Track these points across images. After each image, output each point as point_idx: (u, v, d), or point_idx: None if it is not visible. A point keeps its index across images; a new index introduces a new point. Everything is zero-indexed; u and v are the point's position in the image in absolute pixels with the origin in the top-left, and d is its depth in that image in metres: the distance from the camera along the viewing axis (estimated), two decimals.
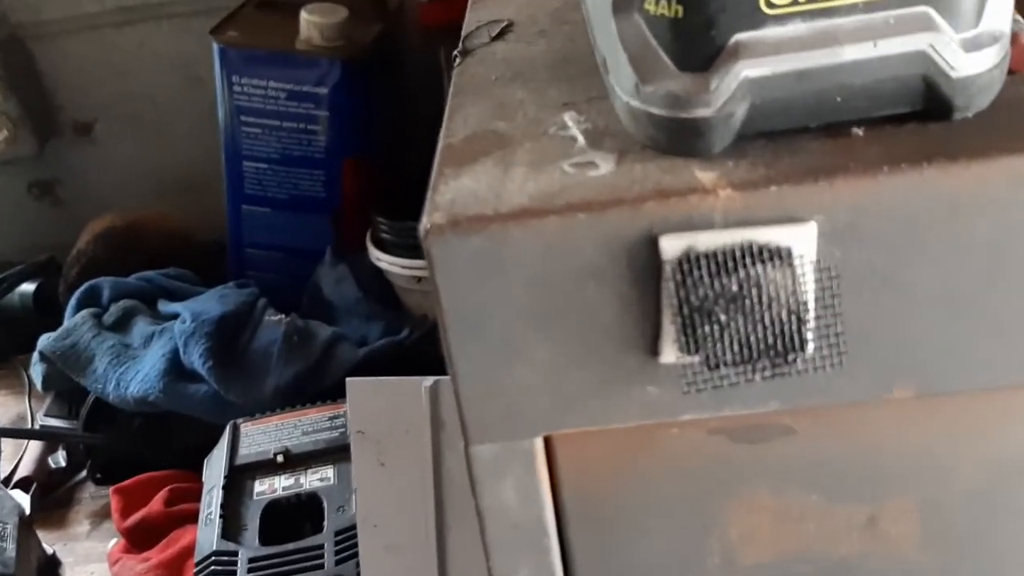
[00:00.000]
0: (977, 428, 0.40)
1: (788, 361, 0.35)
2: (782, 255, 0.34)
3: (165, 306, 1.18)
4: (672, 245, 0.35)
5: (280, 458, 0.93)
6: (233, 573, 0.83)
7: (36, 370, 1.14)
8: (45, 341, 1.13)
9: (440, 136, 0.42)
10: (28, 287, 1.35)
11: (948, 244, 0.35)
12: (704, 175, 0.35)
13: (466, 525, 0.61)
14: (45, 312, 1.31)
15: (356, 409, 0.65)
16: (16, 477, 1.11)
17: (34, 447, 1.16)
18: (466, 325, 0.37)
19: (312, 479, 0.91)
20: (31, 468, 1.13)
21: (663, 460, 0.41)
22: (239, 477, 0.92)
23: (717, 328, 0.35)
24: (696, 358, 0.36)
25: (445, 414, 0.61)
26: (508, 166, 0.38)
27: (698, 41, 0.35)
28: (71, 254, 1.33)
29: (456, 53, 0.51)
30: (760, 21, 0.34)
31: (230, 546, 0.85)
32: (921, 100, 0.36)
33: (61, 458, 1.15)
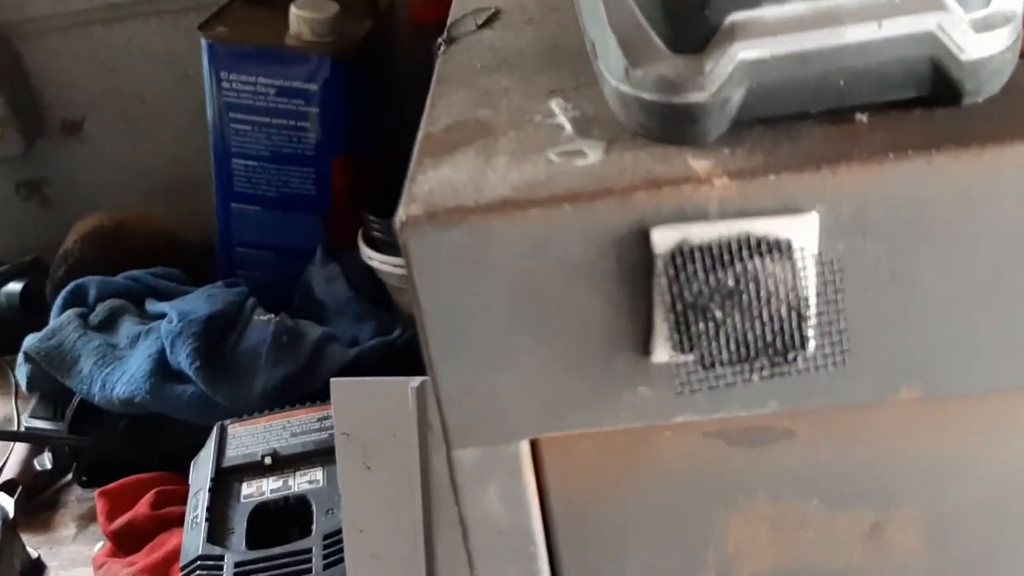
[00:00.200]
0: (987, 433, 0.38)
1: (788, 360, 0.33)
2: (781, 248, 0.32)
3: (152, 306, 1.16)
4: (664, 238, 0.33)
5: (268, 460, 0.91)
6: None
7: (21, 371, 1.13)
8: (30, 341, 1.11)
9: (421, 125, 0.40)
10: (14, 287, 1.33)
11: (958, 236, 0.33)
12: (698, 163, 0.33)
13: (455, 531, 0.59)
14: (32, 312, 1.30)
15: (341, 410, 0.63)
16: (0, 480, 1.10)
17: (19, 449, 1.15)
18: (446, 323, 0.35)
19: (301, 482, 0.90)
20: (16, 470, 1.11)
21: (655, 465, 0.39)
22: (226, 479, 0.91)
23: (712, 325, 0.33)
24: (690, 357, 0.34)
25: (433, 416, 0.59)
26: (490, 155, 0.36)
27: (691, 21, 0.33)
28: (58, 254, 1.31)
29: (440, 41, 0.50)
30: None
31: (216, 550, 0.83)
32: (928, 84, 0.34)
33: (47, 460, 1.14)
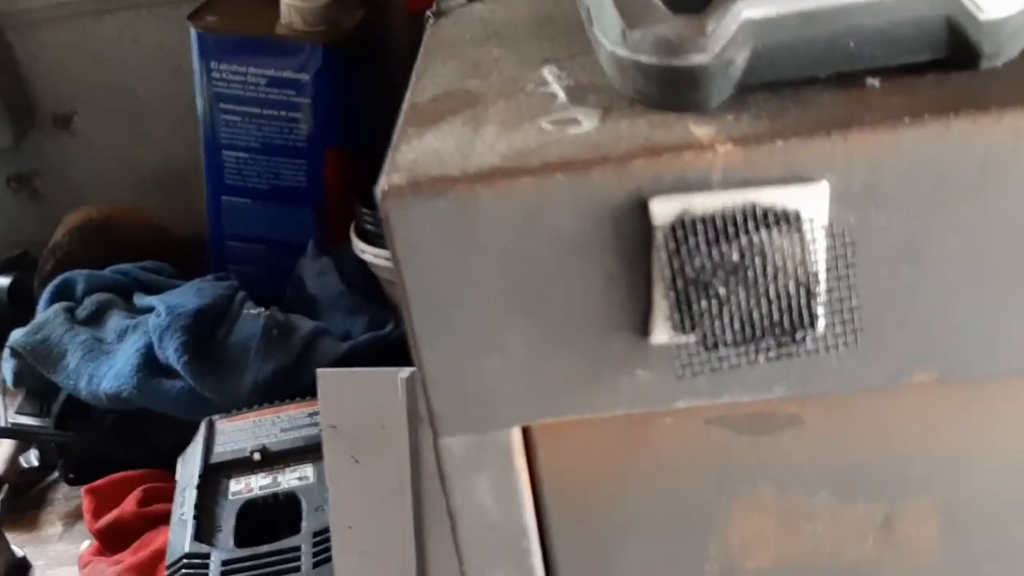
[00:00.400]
0: (1007, 418, 0.36)
1: (796, 340, 0.31)
2: (789, 219, 0.30)
3: (141, 300, 1.14)
4: (664, 209, 0.30)
5: (257, 456, 0.90)
6: None
7: (7, 366, 1.11)
8: (16, 336, 1.10)
9: (405, 97, 0.38)
10: (2, 281, 1.32)
11: (977, 208, 0.31)
12: (700, 130, 0.31)
13: (447, 526, 0.57)
14: (19, 307, 1.28)
15: (328, 402, 0.61)
16: None
17: (5, 446, 1.13)
18: (431, 302, 0.33)
19: (290, 478, 0.88)
20: (1, 468, 1.10)
21: (655, 454, 0.37)
22: (214, 476, 0.89)
23: (715, 303, 0.31)
24: (692, 338, 0.32)
25: (423, 407, 0.57)
26: (479, 124, 0.34)
27: None
28: (47, 247, 1.29)
29: (429, 14, 0.47)
30: None
31: (203, 548, 0.82)
32: (944, 46, 0.32)
33: (33, 457, 1.13)
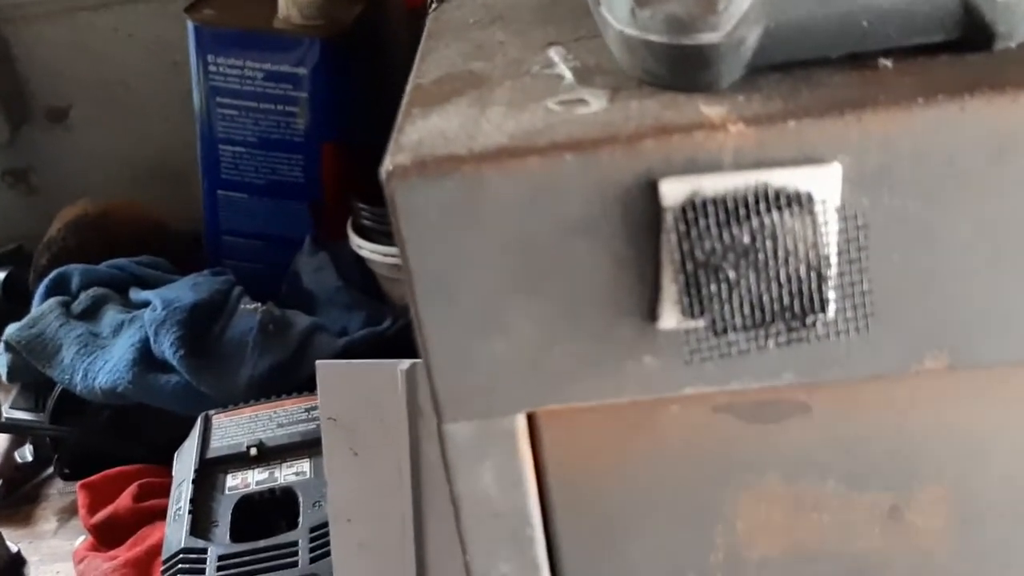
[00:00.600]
0: (1017, 407, 0.35)
1: (806, 324, 0.31)
2: (801, 201, 0.30)
3: (136, 294, 1.14)
4: (674, 190, 0.30)
5: (253, 451, 0.89)
6: (202, 571, 0.79)
7: (1, 360, 1.11)
8: (11, 330, 1.09)
9: (409, 79, 0.38)
10: None
11: (992, 190, 0.30)
12: (711, 110, 0.30)
13: (446, 519, 0.56)
14: (14, 301, 1.27)
15: (328, 395, 0.60)
16: None
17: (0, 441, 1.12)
18: (437, 286, 0.32)
19: (287, 473, 0.88)
20: None
21: (661, 441, 0.36)
22: (210, 471, 0.89)
23: (725, 287, 0.30)
24: (700, 323, 0.31)
25: (423, 400, 0.56)
26: (485, 105, 0.33)
27: None
28: (42, 242, 1.29)
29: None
30: None
31: (199, 543, 0.81)
32: (958, 26, 0.31)
33: (28, 452, 1.12)
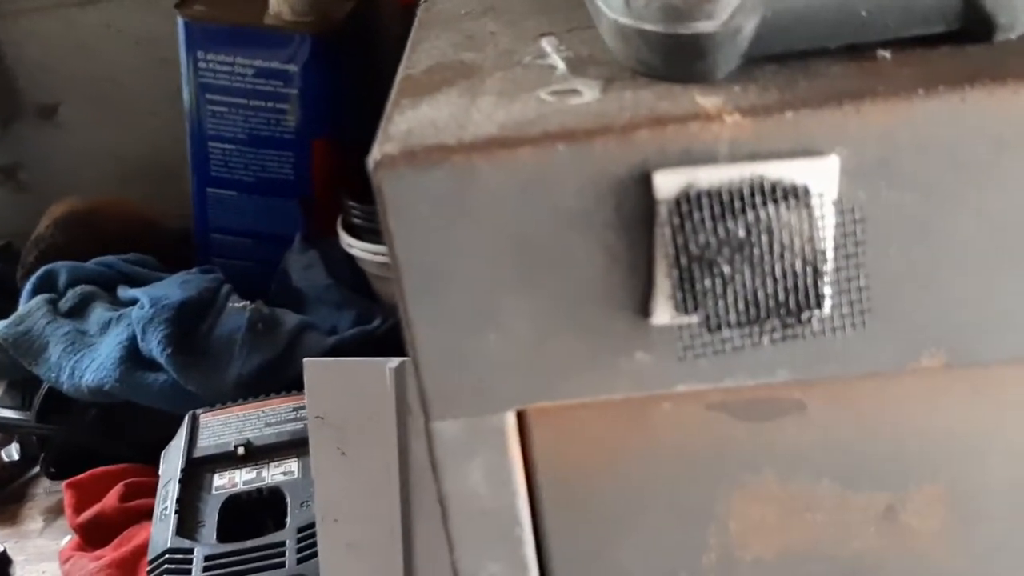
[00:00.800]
0: (1016, 407, 0.35)
1: (802, 321, 0.30)
2: (798, 194, 0.29)
3: (124, 292, 1.13)
4: (669, 182, 0.29)
5: (241, 450, 0.88)
6: (188, 572, 0.78)
7: None
8: None
9: (399, 70, 0.37)
10: None
11: (993, 185, 0.30)
12: (707, 100, 0.30)
13: (435, 519, 0.55)
14: (1, 299, 1.26)
15: (315, 393, 0.59)
16: None
17: None
18: (425, 278, 0.31)
19: (275, 473, 0.87)
20: None
21: (654, 440, 0.36)
22: (197, 470, 0.88)
23: (720, 282, 0.30)
24: (694, 318, 0.31)
25: (412, 398, 0.56)
26: (476, 95, 0.33)
27: None
28: (30, 239, 1.28)
29: None
30: None
31: (185, 543, 0.80)
32: (958, 17, 0.31)
33: (14, 451, 1.11)
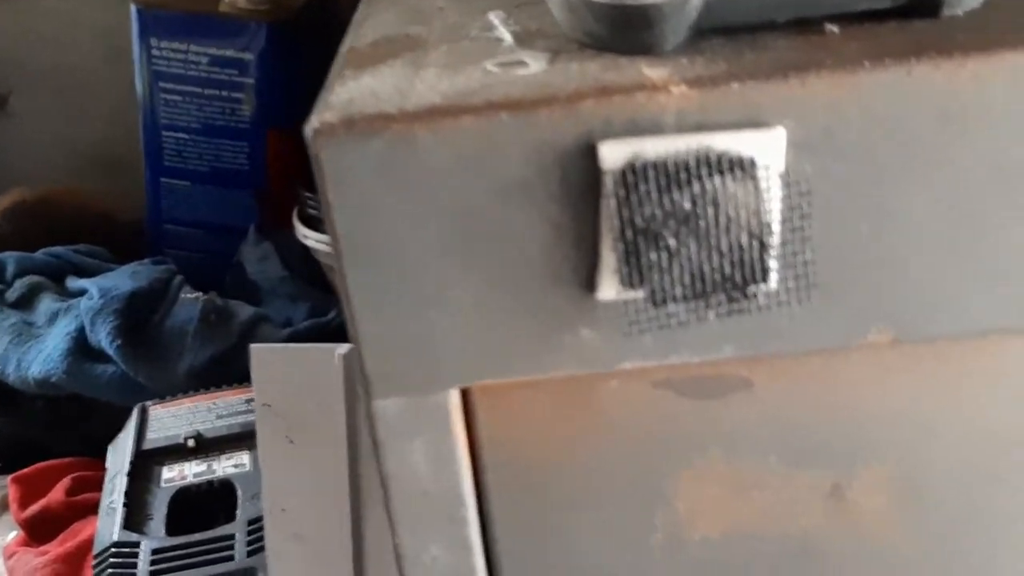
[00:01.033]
0: (963, 383, 0.35)
1: (747, 295, 0.30)
2: (744, 166, 0.29)
3: (73, 283, 1.11)
4: (614, 153, 0.29)
5: (191, 443, 0.87)
6: (134, 566, 0.77)
7: None
8: None
9: (343, 44, 0.36)
10: None
11: (939, 157, 0.30)
12: (653, 71, 0.29)
13: (384, 508, 0.55)
14: None
15: (262, 380, 0.58)
16: None
17: None
18: (365, 253, 0.30)
19: (226, 465, 0.86)
20: None
21: (600, 418, 0.35)
22: (146, 463, 0.86)
23: (665, 255, 0.29)
24: (640, 293, 0.30)
25: (361, 385, 0.55)
26: (420, 67, 0.32)
27: None
28: None
29: None
30: None
31: (132, 537, 0.79)
32: None
33: None
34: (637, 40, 0.30)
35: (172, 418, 0.91)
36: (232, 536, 0.77)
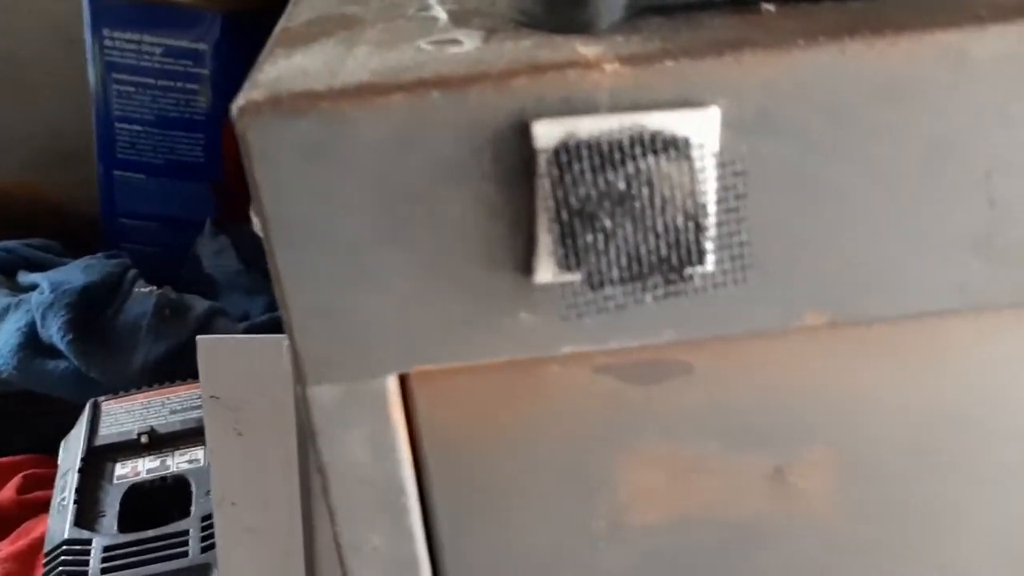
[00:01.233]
0: (901, 364, 0.35)
1: (683, 277, 0.30)
2: (678, 145, 0.28)
3: (25, 277, 1.09)
4: (548, 132, 0.28)
5: (144, 438, 0.86)
6: (85, 563, 0.75)
7: None
8: None
9: (277, 25, 0.36)
10: None
11: (873, 136, 0.29)
12: (587, 49, 0.29)
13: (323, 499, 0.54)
14: None
15: (209, 372, 0.57)
16: None
17: None
18: (296, 234, 0.30)
19: (180, 461, 0.85)
20: None
21: (541, 404, 0.35)
22: (98, 459, 0.85)
23: (601, 236, 0.29)
24: (577, 276, 0.30)
25: None
26: (353, 45, 0.31)
27: None
28: None
29: None
30: None
31: (84, 534, 0.78)
32: None
33: None
34: (572, 18, 0.30)
35: (125, 413, 0.90)
36: (186, 532, 0.76)
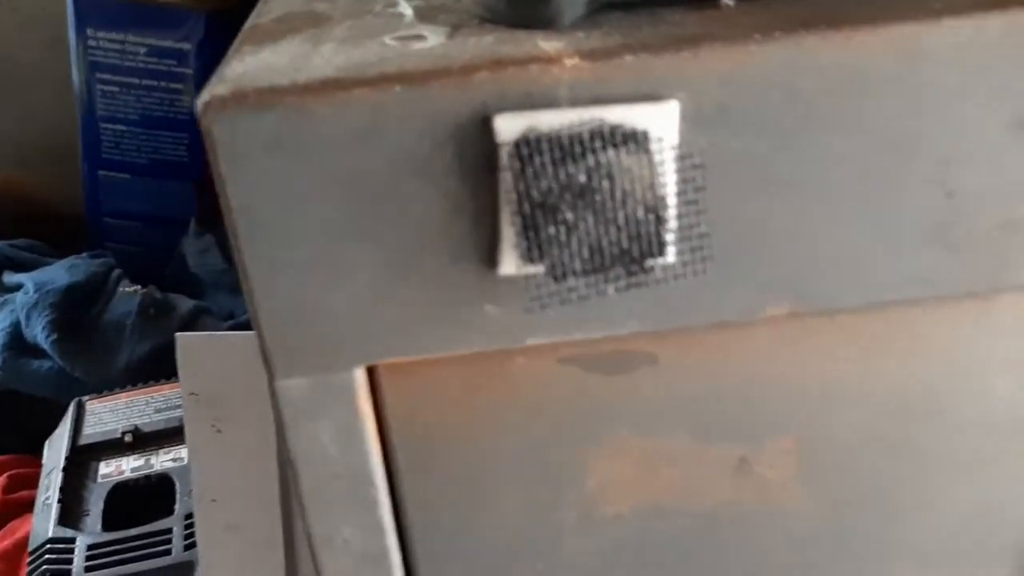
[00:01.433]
0: (867, 354, 0.35)
1: (645, 269, 0.30)
2: (638, 139, 0.29)
3: (9, 277, 1.09)
4: (509, 126, 0.29)
5: (128, 437, 0.86)
6: (69, 562, 0.76)
7: None
8: None
9: (247, 23, 0.36)
10: None
11: (830, 129, 0.30)
12: (548, 44, 0.29)
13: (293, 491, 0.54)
14: None
15: (188, 369, 0.58)
16: None
17: None
18: (262, 228, 0.30)
19: (164, 460, 0.85)
20: None
21: (508, 396, 0.35)
22: (82, 458, 0.85)
23: (563, 229, 0.29)
24: (540, 268, 0.30)
25: None
26: (319, 42, 0.32)
27: None
28: None
29: None
30: None
31: (68, 532, 0.78)
32: None
33: None
34: (535, 14, 0.30)
35: (109, 413, 0.90)
36: (169, 530, 0.76)
